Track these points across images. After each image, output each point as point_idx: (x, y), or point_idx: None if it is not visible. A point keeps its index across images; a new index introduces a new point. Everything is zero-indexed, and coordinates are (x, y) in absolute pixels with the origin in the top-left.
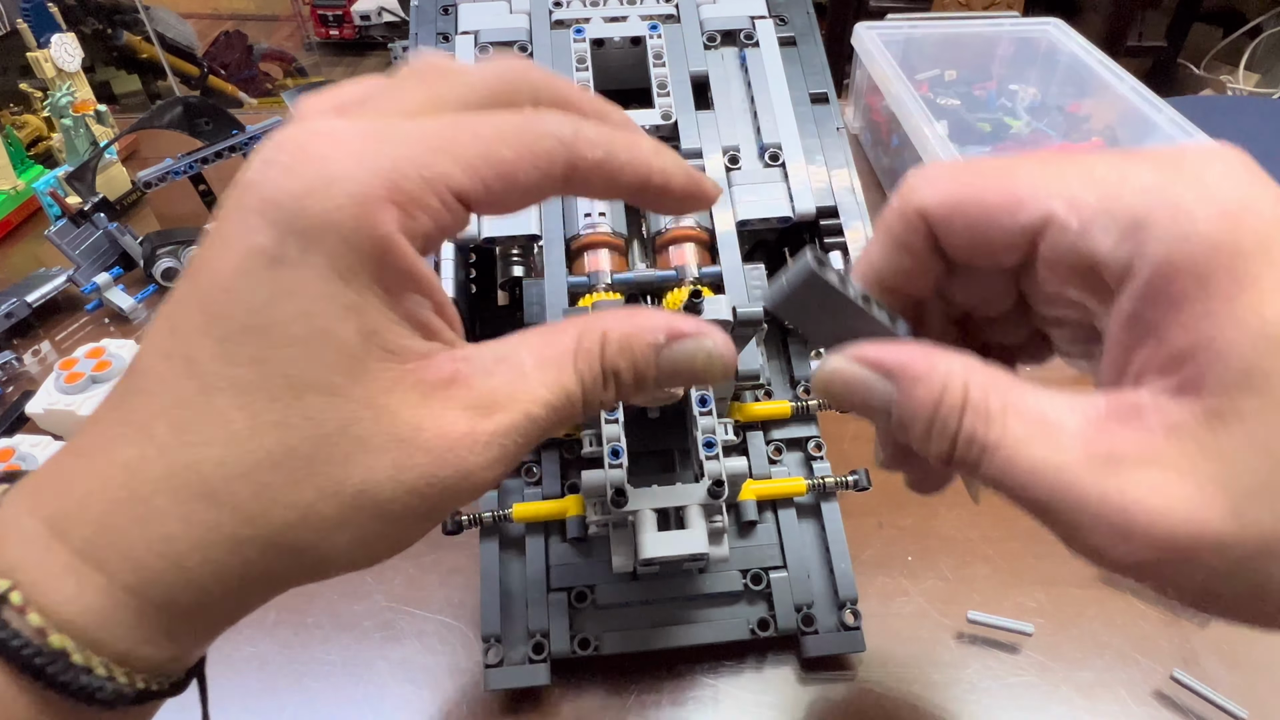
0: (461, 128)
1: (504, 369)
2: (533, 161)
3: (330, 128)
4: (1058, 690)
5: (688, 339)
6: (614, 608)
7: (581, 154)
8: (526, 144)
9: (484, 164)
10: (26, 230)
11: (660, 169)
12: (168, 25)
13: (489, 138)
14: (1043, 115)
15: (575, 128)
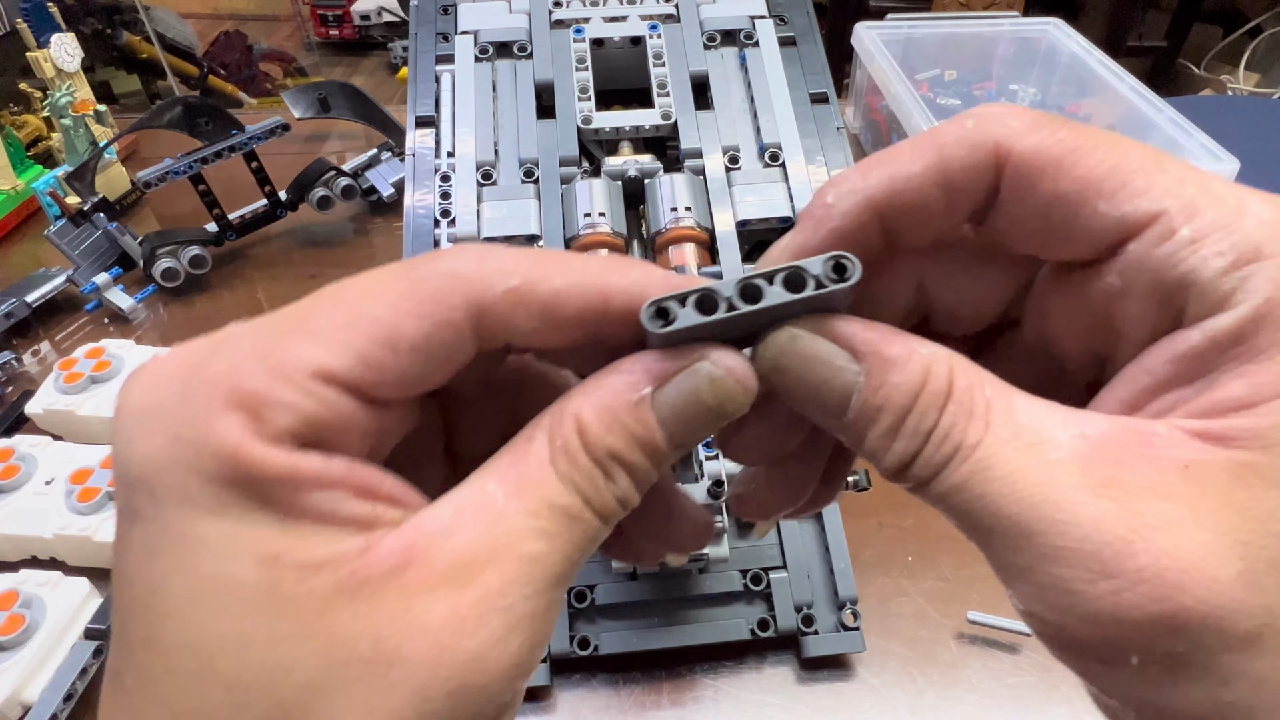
0: (323, 297)
1: (470, 516)
2: (415, 311)
3: (171, 353)
4: (1057, 690)
5: (679, 374)
6: (614, 608)
7: (490, 286)
8: (404, 293)
9: (352, 333)
10: (26, 230)
11: (624, 285)
12: (168, 25)
13: (356, 298)
14: None
15: (479, 255)
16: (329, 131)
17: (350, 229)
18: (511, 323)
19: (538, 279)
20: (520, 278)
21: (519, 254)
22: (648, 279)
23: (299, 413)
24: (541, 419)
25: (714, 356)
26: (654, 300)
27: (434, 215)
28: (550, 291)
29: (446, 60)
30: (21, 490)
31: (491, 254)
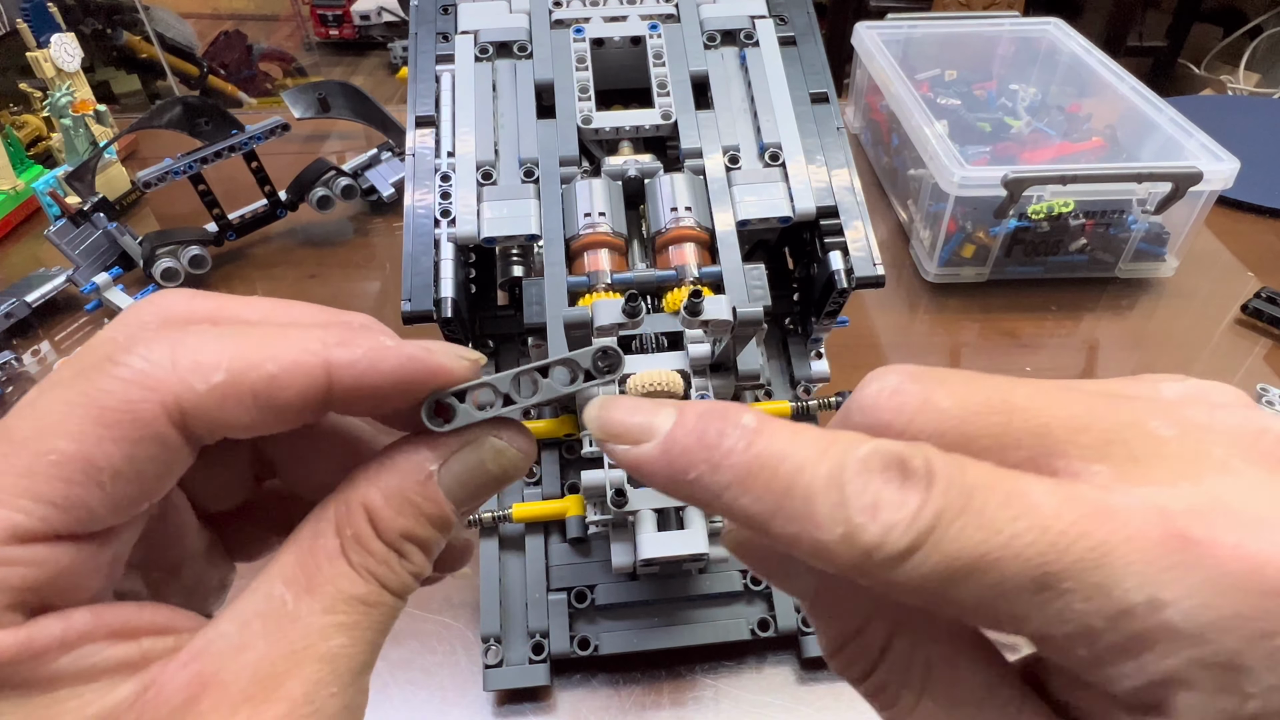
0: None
1: (260, 627)
2: (105, 434)
3: None
4: None
5: (463, 449)
6: (614, 608)
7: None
8: (86, 416)
9: (37, 480)
10: (26, 230)
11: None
12: (167, 25)
13: (29, 437)
14: (1043, 115)
15: (171, 352)
16: (329, 131)
17: (350, 229)
18: (224, 418)
19: (245, 369)
20: (224, 371)
21: (220, 339)
22: (375, 351)
23: (7, 587)
24: (324, 512)
25: (502, 434)
26: (434, 398)
27: (434, 215)
28: (263, 379)
29: (446, 60)
30: None
31: (184, 346)
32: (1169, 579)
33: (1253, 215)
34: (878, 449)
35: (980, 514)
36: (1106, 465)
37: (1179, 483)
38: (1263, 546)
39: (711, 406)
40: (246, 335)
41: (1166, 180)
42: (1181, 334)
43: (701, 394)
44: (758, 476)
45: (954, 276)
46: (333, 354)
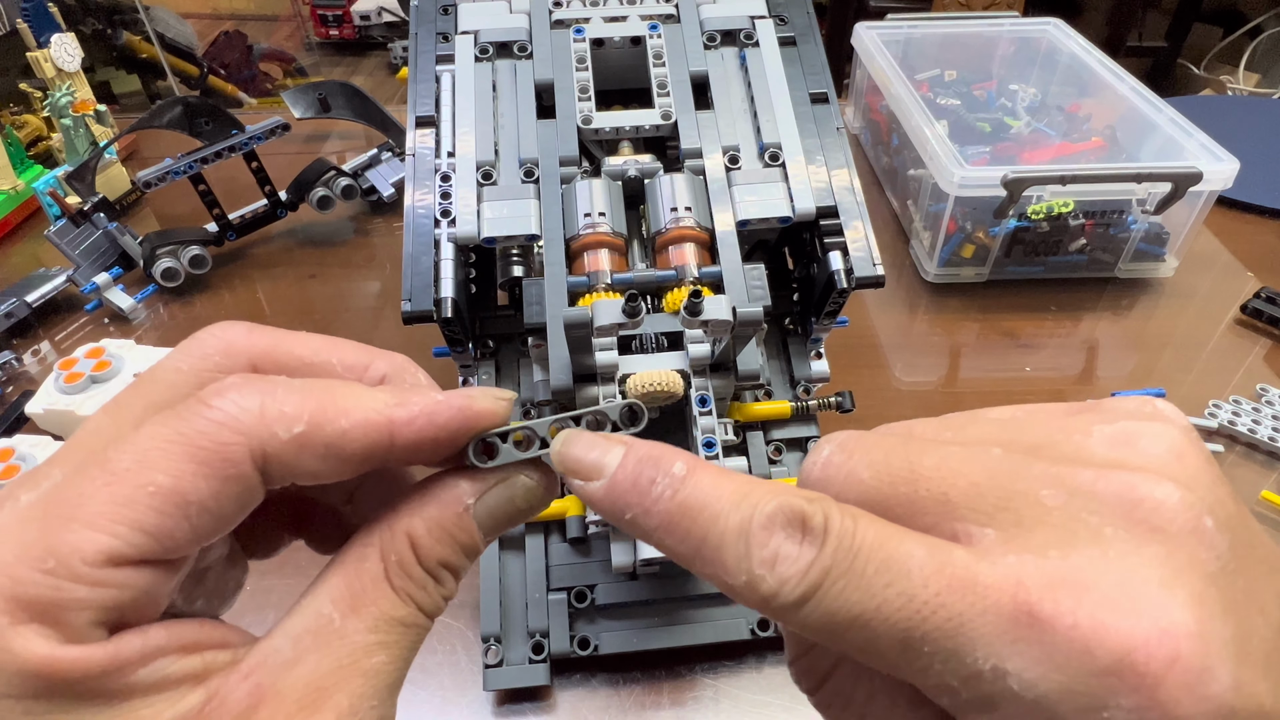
0: (90, 471)
1: (311, 642)
2: (199, 472)
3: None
4: None
5: (497, 487)
6: (614, 608)
7: (274, 435)
8: (183, 454)
9: (136, 509)
10: (26, 230)
11: (407, 418)
12: (167, 25)
13: (130, 469)
14: (1043, 115)
15: (260, 401)
16: (329, 131)
17: (350, 229)
18: (298, 466)
19: (322, 422)
20: (304, 423)
21: (301, 393)
22: (432, 406)
23: (99, 606)
24: (369, 538)
25: (531, 474)
26: (480, 438)
27: (434, 215)
28: (336, 433)
29: (446, 60)
30: None
31: (272, 398)
32: (1012, 651)
33: (1252, 215)
34: (782, 505)
35: (860, 577)
36: (995, 530)
37: (1049, 552)
38: (1100, 624)
39: (649, 452)
40: (324, 391)
41: (1166, 180)
42: (1181, 334)
43: (701, 394)
44: (679, 523)
45: (954, 276)
46: (394, 413)
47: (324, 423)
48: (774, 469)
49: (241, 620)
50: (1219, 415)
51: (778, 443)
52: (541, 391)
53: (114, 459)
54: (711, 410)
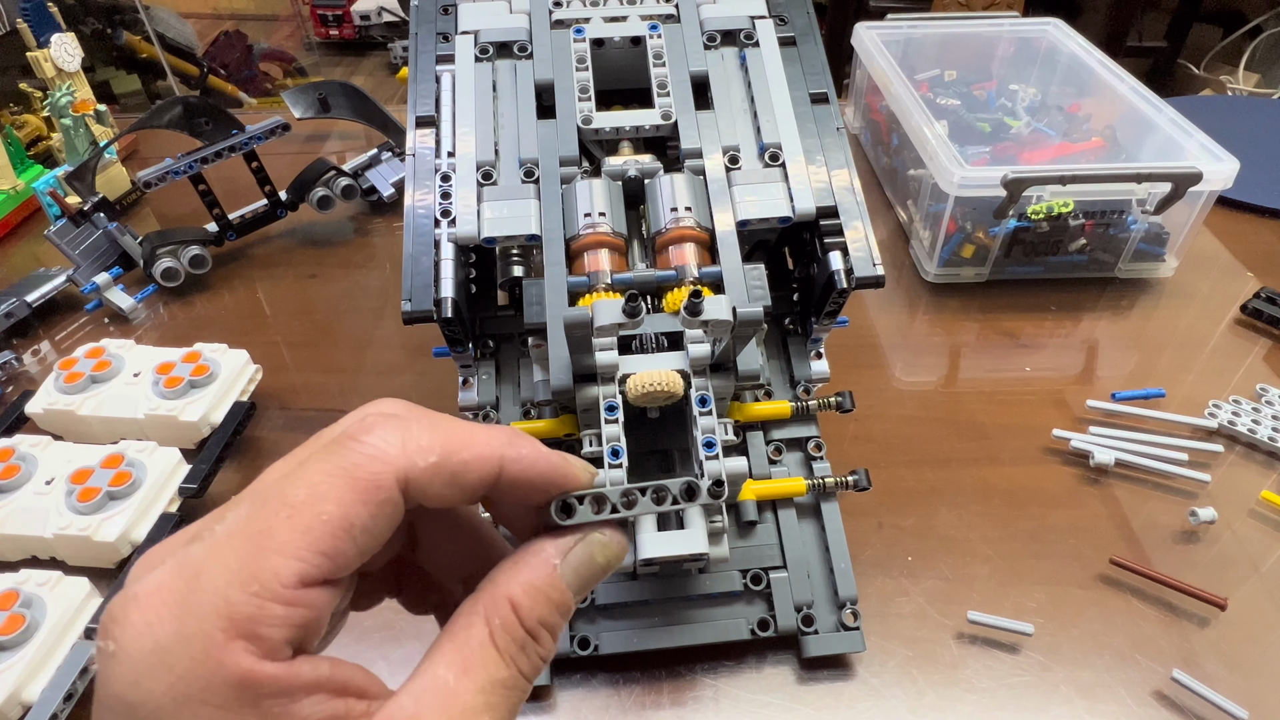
0: (272, 505)
1: (429, 700)
2: (359, 499)
3: (149, 586)
4: (1058, 690)
5: (577, 546)
6: (614, 608)
7: (414, 464)
8: (346, 485)
9: (314, 536)
10: (26, 230)
11: (516, 457)
12: (168, 25)
13: (305, 501)
14: (1043, 115)
15: (401, 434)
16: (329, 131)
17: (350, 229)
18: (430, 491)
19: (450, 453)
20: (437, 454)
21: (432, 428)
22: (534, 454)
23: (291, 624)
24: (475, 606)
25: (604, 530)
26: (562, 498)
27: (434, 215)
28: (460, 463)
29: (447, 60)
30: (21, 490)
31: (411, 432)
32: None
33: (1252, 215)
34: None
35: None
36: None
37: None
38: None
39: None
40: (451, 426)
41: (1166, 180)
42: (1181, 334)
43: (701, 394)
44: None
45: (954, 277)
46: (506, 451)
47: (451, 454)
48: (774, 469)
49: None
50: (1219, 415)
51: (778, 443)
52: (541, 391)
53: (290, 493)
54: (711, 410)
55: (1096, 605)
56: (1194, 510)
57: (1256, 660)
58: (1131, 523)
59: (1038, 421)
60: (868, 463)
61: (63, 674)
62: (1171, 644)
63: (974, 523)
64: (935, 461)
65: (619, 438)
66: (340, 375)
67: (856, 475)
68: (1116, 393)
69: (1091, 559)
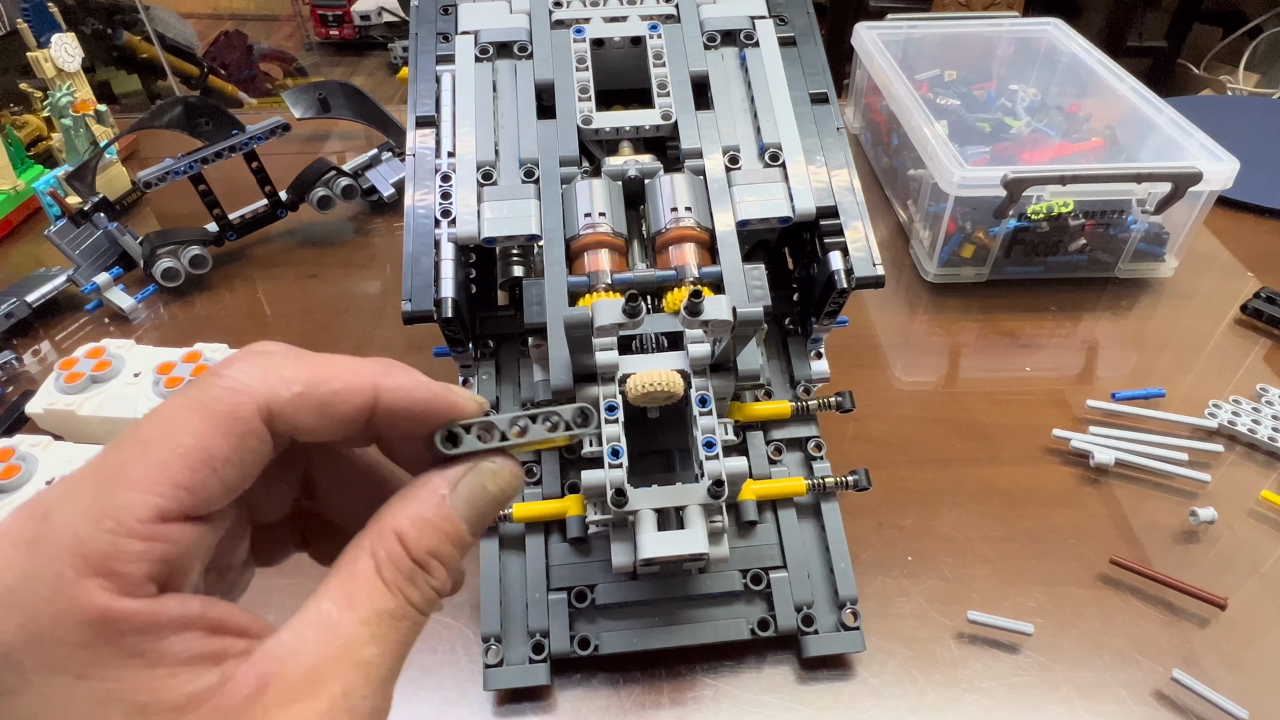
0: (127, 445)
1: (312, 635)
2: (218, 431)
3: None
4: (1058, 690)
5: (467, 475)
6: (614, 608)
7: (276, 394)
8: (203, 417)
9: (171, 469)
10: (26, 230)
11: (392, 386)
12: (168, 25)
13: (159, 437)
14: (1043, 115)
15: (262, 365)
16: (329, 131)
17: (350, 229)
18: (298, 422)
19: (317, 383)
20: (301, 384)
21: (298, 360)
22: (412, 383)
23: (150, 558)
24: (361, 541)
25: (495, 459)
26: (447, 427)
27: (434, 215)
28: (329, 393)
29: (447, 60)
30: (21, 490)
31: (273, 363)
32: None
33: (1252, 215)
34: None
35: None
36: None
37: None
38: None
39: None
40: (317, 360)
41: (1166, 180)
42: (1181, 334)
43: (701, 394)
44: None
45: (954, 277)
46: (380, 380)
47: (318, 384)
48: (774, 469)
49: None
50: (1219, 415)
51: (778, 443)
52: (541, 391)
53: (145, 430)
54: (711, 410)
55: (1096, 605)
56: (1194, 510)
57: (1256, 660)
58: (1131, 523)
59: (1038, 421)
60: (868, 463)
61: None
62: (1171, 644)
63: (974, 523)
64: (935, 461)
65: (619, 438)
66: None
67: (856, 475)
68: (1116, 393)
69: (1091, 559)
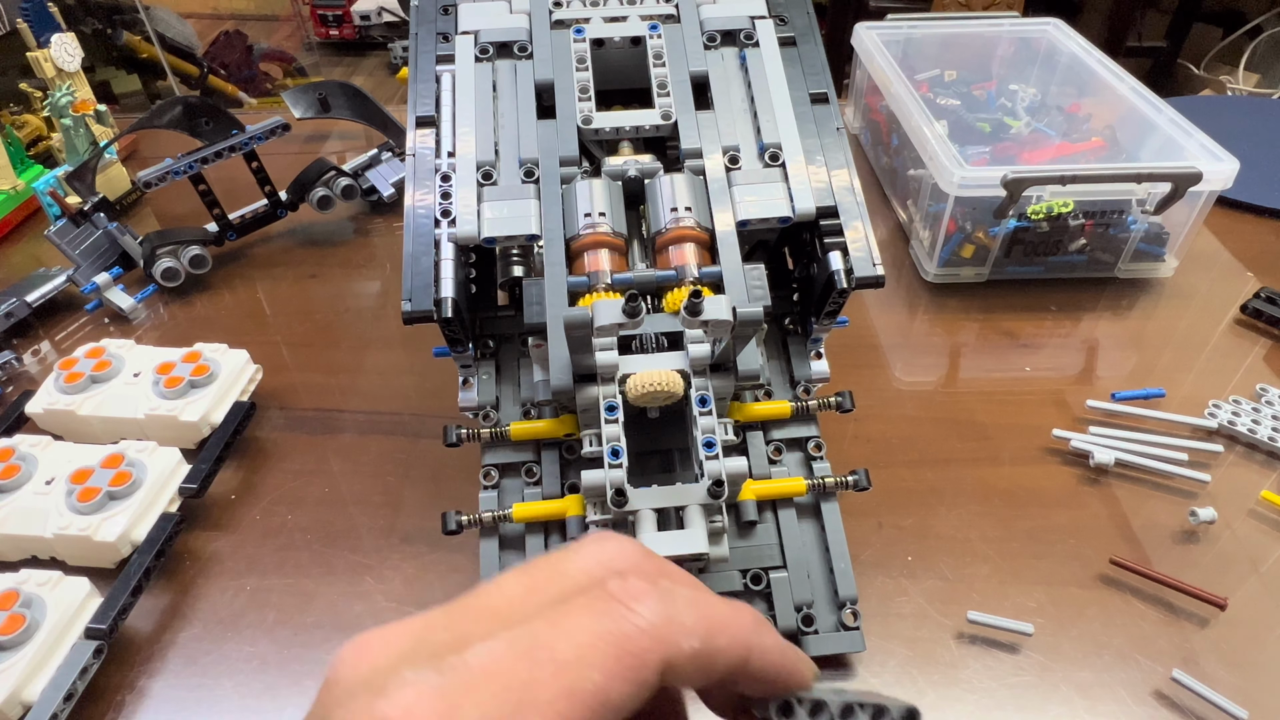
0: (538, 653)
1: None
2: (624, 675)
3: (401, 708)
4: (1058, 690)
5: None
6: None
7: (679, 648)
8: (612, 655)
9: (574, 703)
10: (26, 230)
11: (762, 649)
12: (168, 25)
13: (570, 660)
14: (1043, 115)
15: (667, 608)
16: (329, 131)
17: (350, 229)
18: (681, 676)
19: (709, 638)
20: (699, 639)
21: (694, 607)
22: (777, 647)
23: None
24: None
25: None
26: (785, 698)
27: (434, 215)
28: (715, 649)
29: (447, 60)
30: (21, 490)
31: (676, 608)
32: None
33: (1252, 215)
34: None
35: None
36: None
37: None
38: None
39: None
40: (708, 608)
41: (1166, 180)
42: (1181, 334)
43: (701, 394)
44: None
45: (954, 277)
46: (753, 640)
47: (710, 638)
48: (774, 469)
49: (242, 618)
50: (1219, 415)
51: (778, 443)
52: (541, 391)
53: (556, 647)
54: (711, 410)
55: (1096, 605)
56: (1194, 510)
57: (1256, 660)
58: (1131, 523)
59: (1038, 421)
60: (868, 463)
61: (63, 674)
62: (1171, 644)
63: (974, 523)
64: (935, 461)
65: (619, 438)
66: (340, 375)
67: (856, 475)
68: (1116, 393)
69: (1091, 559)
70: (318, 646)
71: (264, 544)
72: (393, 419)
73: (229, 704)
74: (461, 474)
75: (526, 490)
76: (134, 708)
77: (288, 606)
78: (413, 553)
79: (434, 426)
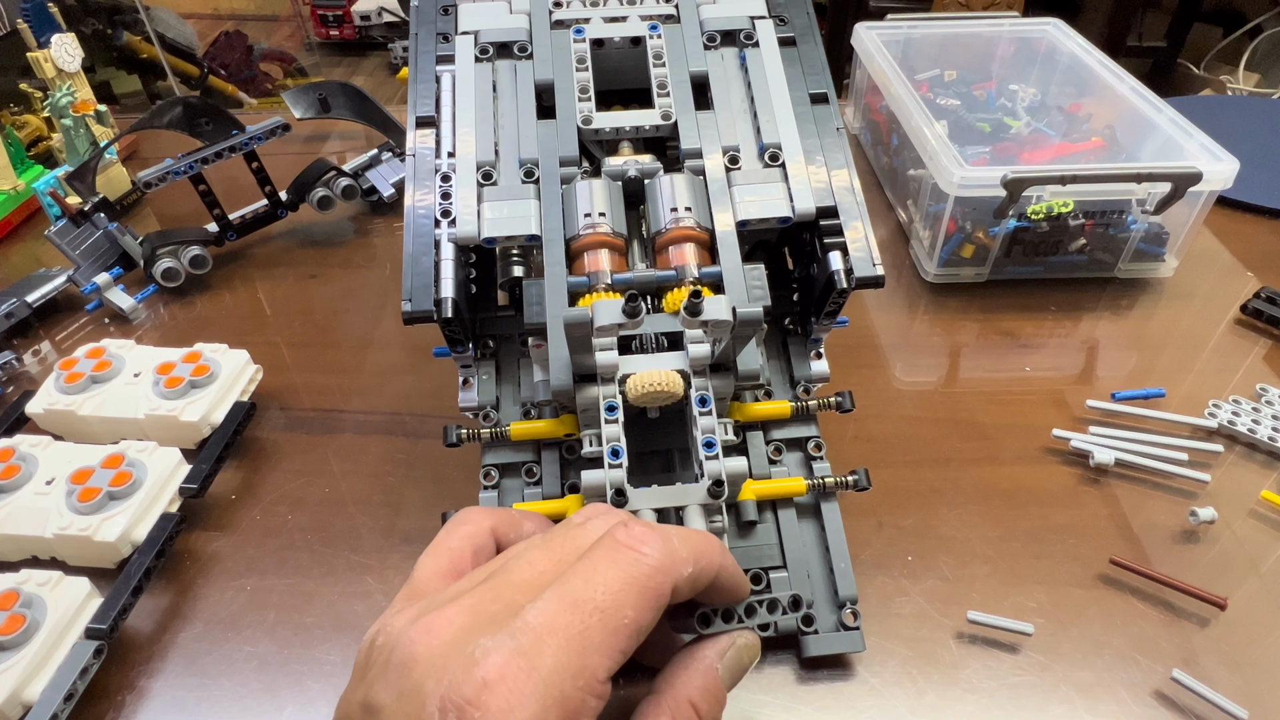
0: (586, 606)
1: None
2: (648, 605)
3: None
4: (1058, 690)
5: (730, 650)
6: None
7: (679, 574)
8: (640, 593)
9: (619, 637)
10: (26, 230)
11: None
12: (168, 25)
13: (610, 608)
14: (1042, 115)
15: (664, 544)
16: (329, 131)
17: (350, 229)
18: (680, 595)
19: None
20: (692, 565)
21: (683, 540)
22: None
23: (596, 713)
24: (660, 706)
25: (746, 635)
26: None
27: (434, 215)
28: (701, 570)
29: (447, 60)
30: (22, 490)
31: (671, 545)
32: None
33: (1252, 215)
34: None
35: None
36: None
37: None
38: None
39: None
40: (689, 538)
41: (1166, 180)
42: (1181, 334)
43: (701, 394)
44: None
45: (953, 277)
46: (722, 560)
47: (698, 560)
48: (774, 469)
49: (242, 619)
50: (1219, 415)
51: (778, 443)
52: (541, 391)
53: (596, 596)
54: (711, 410)
55: (1096, 605)
56: (1194, 510)
57: (1256, 660)
58: (1131, 523)
59: (1038, 421)
60: (868, 463)
61: (63, 674)
62: (1171, 644)
63: (974, 523)
64: (935, 461)
65: (619, 438)
66: (340, 375)
67: (856, 475)
68: (1116, 393)
69: (1091, 559)
70: (318, 646)
71: (264, 544)
72: (393, 419)
73: (229, 704)
74: (462, 474)
75: (527, 490)
76: (134, 708)
77: (288, 606)
78: (413, 553)
79: (434, 426)
